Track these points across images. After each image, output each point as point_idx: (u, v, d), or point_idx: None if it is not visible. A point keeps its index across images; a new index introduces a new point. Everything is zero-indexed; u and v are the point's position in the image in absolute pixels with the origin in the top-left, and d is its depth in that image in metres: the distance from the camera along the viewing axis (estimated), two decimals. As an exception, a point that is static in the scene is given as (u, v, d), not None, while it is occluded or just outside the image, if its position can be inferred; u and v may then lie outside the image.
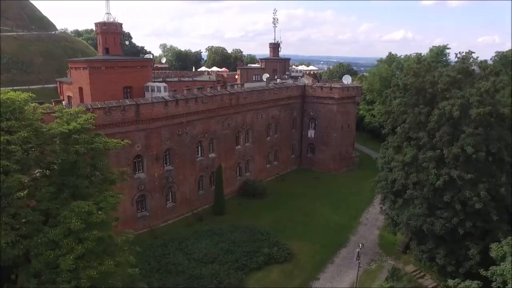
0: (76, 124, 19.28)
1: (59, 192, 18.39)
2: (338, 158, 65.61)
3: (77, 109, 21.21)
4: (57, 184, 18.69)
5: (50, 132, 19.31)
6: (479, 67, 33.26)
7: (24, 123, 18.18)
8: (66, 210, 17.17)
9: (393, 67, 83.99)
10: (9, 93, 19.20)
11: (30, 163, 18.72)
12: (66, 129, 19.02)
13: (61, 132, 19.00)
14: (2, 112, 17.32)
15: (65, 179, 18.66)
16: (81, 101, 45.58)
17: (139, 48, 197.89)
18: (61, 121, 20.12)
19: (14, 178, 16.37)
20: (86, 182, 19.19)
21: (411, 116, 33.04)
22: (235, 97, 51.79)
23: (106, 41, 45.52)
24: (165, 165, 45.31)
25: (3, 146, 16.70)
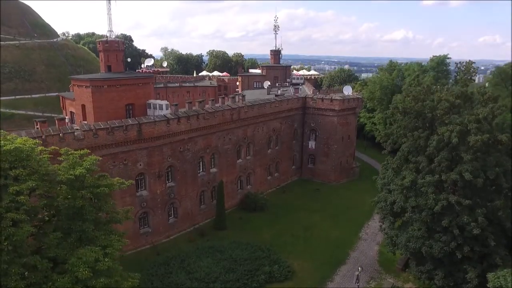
0: (81, 169, 19.67)
1: (66, 237, 18.82)
2: (339, 169, 66.04)
3: (82, 152, 21.60)
4: (64, 229, 19.11)
5: (57, 180, 19.67)
6: (477, 92, 33.56)
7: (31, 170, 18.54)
8: (74, 257, 17.61)
9: (393, 76, 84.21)
10: (17, 140, 19.57)
11: (38, 210, 19.08)
12: (72, 175, 19.43)
13: (68, 178, 19.38)
14: (10, 161, 17.73)
15: (72, 223, 19.08)
16: (83, 119, 46.10)
17: (140, 51, 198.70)
18: (67, 165, 20.49)
19: (24, 230, 16.80)
20: (92, 226, 19.61)
21: (410, 139, 33.45)
22: (236, 112, 52.20)
23: (108, 58, 45.99)
24: (167, 182, 45.78)
25: (12, 197, 17.13)
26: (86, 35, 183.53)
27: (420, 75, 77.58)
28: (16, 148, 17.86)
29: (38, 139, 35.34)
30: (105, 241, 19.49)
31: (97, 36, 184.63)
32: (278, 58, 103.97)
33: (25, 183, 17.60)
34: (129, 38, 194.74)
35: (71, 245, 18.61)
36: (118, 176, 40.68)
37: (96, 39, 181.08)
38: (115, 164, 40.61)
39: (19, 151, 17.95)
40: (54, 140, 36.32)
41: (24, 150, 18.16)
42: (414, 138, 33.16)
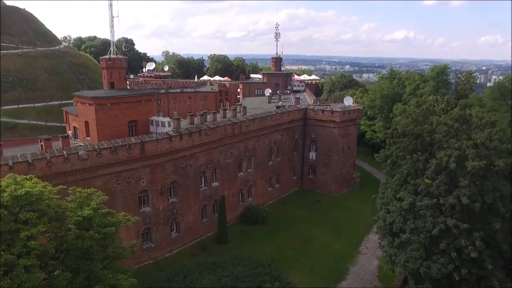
0: (89, 210, 20.22)
1: (75, 276, 19.39)
2: (339, 180, 66.59)
3: (89, 191, 22.16)
4: (73, 269, 19.68)
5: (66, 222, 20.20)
6: (475, 117, 34.07)
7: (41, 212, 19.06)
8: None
9: (394, 84, 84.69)
10: (27, 183, 20.12)
11: (48, 252, 19.57)
12: (80, 216, 19.98)
13: (76, 220, 19.92)
14: (20, 205, 18.32)
15: (81, 263, 19.65)
16: (87, 135, 46.70)
17: (141, 55, 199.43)
18: (75, 205, 21.03)
19: (36, 276, 17.35)
20: (100, 265, 20.18)
21: (409, 162, 33.96)
22: (237, 126, 52.79)
23: (111, 75, 46.57)
24: (169, 198, 46.41)
25: (24, 243, 17.71)
26: (88, 38, 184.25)
27: (420, 84, 78.08)
28: (26, 193, 18.43)
29: (43, 160, 36.09)
30: (113, 279, 20.07)
31: (98, 40, 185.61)
32: (279, 65, 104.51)
33: (36, 228, 18.16)
34: (130, 41, 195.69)
35: (80, 284, 19.19)
36: (122, 193, 41.81)
37: (97, 43, 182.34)
38: (118, 182, 41.23)
39: (30, 195, 18.53)
40: (59, 161, 36.96)
41: (34, 194, 18.72)
42: (413, 160, 33.68)
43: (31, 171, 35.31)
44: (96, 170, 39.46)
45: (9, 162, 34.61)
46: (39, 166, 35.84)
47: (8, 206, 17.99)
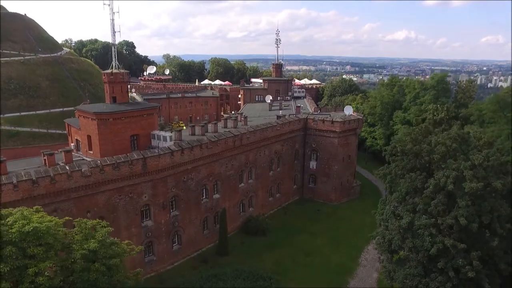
0: (95, 243, 20.63)
1: (81, 308, 19.84)
2: (339, 189, 67.03)
3: (95, 222, 22.61)
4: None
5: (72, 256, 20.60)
6: (473, 137, 34.51)
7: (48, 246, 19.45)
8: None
9: (394, 92, 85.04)
10: (34, 217, 20.53)
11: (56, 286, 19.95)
12: (86, 249, 20.40)
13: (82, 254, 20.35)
14: (28, 240, 18.75)
15: (87, 295, 20.09)
16: (89, 148, 47.10)
17: (142, 57, 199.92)
18: (81, 237, 21.43)
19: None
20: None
21: (408, 181, 34.41)
22: (238, 138, 53.21)
23: (113, 90, 46.99)
24: (171, 211, 46.89)
25: (32, 279, 18.14)
26: (89, 42, 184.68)
27: (420, 92, 78.43)
28: (34, 228, 18.87)
29: (46, 178, 36.53)
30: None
31: (99, 43, 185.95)
32: (280, 71, 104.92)
33: (43, 263, 18.59)
34: (131, 44, 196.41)
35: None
36: (124, 208, 42.31)
37: (98, 46, 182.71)
38: (121, 197, 41.72)
39: (37, 231, 18.97)
40: (63, 178, 37.42)
41: (42, 230, 19.15)
42: (412, 179, 34.16)
43: (36, 189, 35.95)
44: (99, 186, 39.94)
45: (13, 180, 35.09)
46: (43, 183, 36.30)
47: (16, 243, 18.45)
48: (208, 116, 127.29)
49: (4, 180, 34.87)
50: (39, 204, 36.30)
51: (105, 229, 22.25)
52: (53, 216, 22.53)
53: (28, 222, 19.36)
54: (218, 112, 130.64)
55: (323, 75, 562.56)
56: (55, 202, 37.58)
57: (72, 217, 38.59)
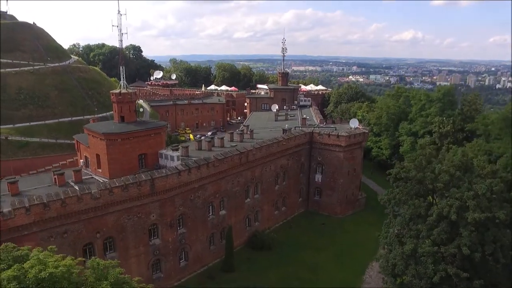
0: (107, 286, 21.25)
1: None
2: (344, 202, 67.47)
3: (107, 263, 23.31)
4: None
5: None
6: (477, 166, 34.85)
7: None
8: None
9: (400, 102, 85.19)
10: (49, 261, 21.20)
11: None
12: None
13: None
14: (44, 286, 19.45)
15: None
16: (98, 167, 48.02)
17: (149, 61, 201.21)
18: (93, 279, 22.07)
19: None
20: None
21: (411, 207, 34.86)
22: (244, 155, 53.84)
23: (121, 109, 47.84)
24: (178, 229, 47.68)
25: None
26: (96, 46, 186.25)
27: (426, 104, 78.55)
28: (50, 274, 19.57)
29: (58, 201, 37.40)
30: None
31: (106, 47, 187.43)
32: (286, 80, 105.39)
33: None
34: (138, 48, 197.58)
35: None
36: (133, 228, 43.15)
37: (105, 50, 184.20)
38: (129, 217, 42.56)
39: (53, 276, 19.67)
40: (73, 201, 38.28)
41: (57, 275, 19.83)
42: (415, 206, 34.61)
43: (47, 212, 36.87)
44: (108, 207, 40.79)
45: (26, 204, 36.01)
46: (54, 206, 37.21)
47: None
48: (214, 122, 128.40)
49: (17, 204, 35.79)
50: (50, 226, 37.73)
51: (117, 270, 22.95)
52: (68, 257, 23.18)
53: (44, 268, 20.07)
54: (224, 119, 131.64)
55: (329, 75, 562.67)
56: (66, 224, 38.53)
57: (82, 238, 40.00)
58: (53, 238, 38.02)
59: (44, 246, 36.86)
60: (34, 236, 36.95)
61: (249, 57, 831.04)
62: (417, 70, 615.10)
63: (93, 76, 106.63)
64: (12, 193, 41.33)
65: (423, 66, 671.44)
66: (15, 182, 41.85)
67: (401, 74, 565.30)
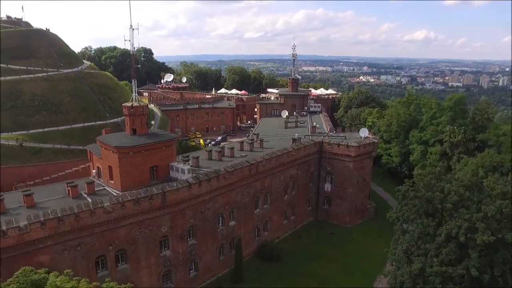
0: None
1: None
2: (354, 211, 67.56)
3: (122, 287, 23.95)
4: None
5: None
6: (487, 187, 34.79)
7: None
8: None
9: (411, 110, 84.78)
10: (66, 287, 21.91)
11: None
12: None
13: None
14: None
15: None
16: (110, 178, 48.79)
17: (159, 64, 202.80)
18: None
19: None
20: None
21: (420, 226, 34.96)
22: (254, 167, 54.27)
23: (133, 122, 48.61)
24: (188, 240, 48.34)
25: None
26: (108, 49, 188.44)
27: (437, 112, 78.06)
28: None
29: (71, 216, 38.25)
30: None
31: (118, 50, 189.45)
32: (296, 86, 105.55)
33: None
34: (149, 51, 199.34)
35: None
36: (144, 240, 43.89)
37: (117, 53, 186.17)
38: (141, 230, 43.33)
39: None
40: (86, 215, 39.12)
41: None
42: (424, 225, 34.69)
43: (61, 226, 37.75)
44: (120, 221, 41.58)
45: (41, 218, 36.92)
46: (68, 220, 38.07)
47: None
48: (224, 126, 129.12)
49: (32, 218, 36.71)
50: (64, 239, 38.61)
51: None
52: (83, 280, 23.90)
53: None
54: (234, 123, 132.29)
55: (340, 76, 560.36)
56: (79, 237, 39.41)
57: (94, 251, 40.84)
58: (67, 251, 38.98)
59: (58, 259, 38.20)
60: (49, 249, 37.89)
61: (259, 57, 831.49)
62: (429, 70, 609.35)
63: (105, 82, 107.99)
64: (27, 205, 42.33)
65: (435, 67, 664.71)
66: (30, 195, 42.84)
67: (412, 75, 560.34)
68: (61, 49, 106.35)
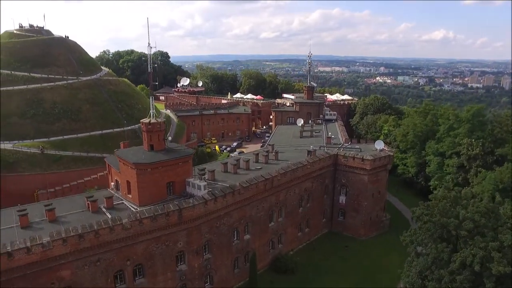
0: None
1: None
2: (368, 224, 67.47)
3: None
4: None
5: None
6: (503, 214, 34.56)
7: None
8: None
9: (427, 121, 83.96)
10: None
11: None
12: None
13: None
14: None
15: None
16: (128, 192, 49.90)
17: (176, 67, 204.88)
18: None
19: None
20: None
21: (433, 252, 34.93)
22: (269, 182, 54.75)
23: (151, 138, 49.64)
24: (204, 255, 49.16)
25: None
26: (125, 53, 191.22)
27: (455, 123, 77.16)
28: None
29: (91, 233, 39.43)
30: None
31: (135, 54, 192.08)
32: (311, 94, 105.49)
33: None
34: (166, 54, 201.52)
35: None
36: (161, 255, 44.94)
37: (134, 57, 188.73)
38: (157, 246, 44.32)
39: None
40: (106, 232, 40.24)
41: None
42: (438, 251, 34.65)
43: (82, 242, 38.95)
44: (138, 237, 42.62)
45: (62, 235, 38.16)
46: (88, 237, 39.27)
47: None
48: (240, 132, 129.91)
49: (54, 235, 38.00)
50: (84, 255, 39.83)
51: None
52: None
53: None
54: (249, 128, 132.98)
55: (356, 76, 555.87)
56: (98, 253, 40.60)
57: (113, 266, 41.99)
58: (87, 266, 40.23)
59: (79, 274, 39.46)
60: (70, 265, 39.17)
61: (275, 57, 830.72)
62: (448, 71, 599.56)
63: (123, 89, 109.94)
64: (49, 219, 43.87)
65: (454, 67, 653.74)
66: (52, 210, 44.31)
67: (430, 75, 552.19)
68: (80, 56, 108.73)
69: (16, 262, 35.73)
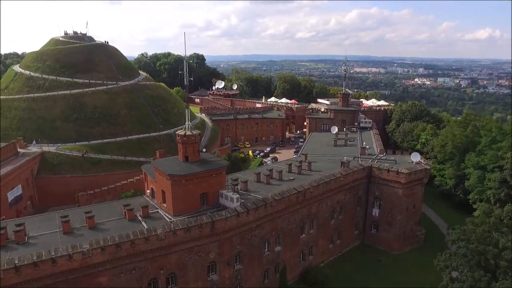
0: None
1: None
2: (402, 238, 66.05)
3: None
4: None
5: None
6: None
7: None
8: None
9: (468, 132, 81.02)
10: None
11: None
12: None
13: None
14: None
15: None
16: (163, 201, 51.34)
17: (211, 70, 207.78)
18: None
19: None
20: None
21: (470, 279, 33.90)
22: (301, 194, 54.78)
23: (186, 150, 50.87)
24: (235, 266, 49.90)
25: None
26: (163, 55, 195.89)
27: (497, 136, 74.10)
28: None
29: (128, 242, 41.03)
30: None
31: (172, 56, 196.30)
32: (346, 102, 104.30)
33: None
34: (201, 57, 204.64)
35: None
36: (193, 265, 46.08)
37: (171, 60, 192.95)
38: (190, 256, 45.46)
39: None
40: (141, 242, 41.73)
41: None
42: (475, 279, 33.60)
43: (119, 251, 40.61)
44: (172, 247, 43.90)
45: (101, 243, 39.95)
46: (124, 247, 40.86)
47: None
48: (273, 137, 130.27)
49: (94, 244, 39.85)
50: (121, 263, 41.48)
51: None
52: None
53: None
54: (283, 133, 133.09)
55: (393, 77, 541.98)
56: (134, 262, 42.16)
57: (147, 274, 43.47)
58: (123, 274, 41.87)
59: (115, 281, 41.16)
60: (107, 272, 40.91)
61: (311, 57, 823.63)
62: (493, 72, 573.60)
63: (160, 93, 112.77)
64: (89, 226, 46.02)
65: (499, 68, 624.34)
66: (92, 217, 46.42)
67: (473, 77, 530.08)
68: (119, 61, 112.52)
69: (59, 268, 37.81)
